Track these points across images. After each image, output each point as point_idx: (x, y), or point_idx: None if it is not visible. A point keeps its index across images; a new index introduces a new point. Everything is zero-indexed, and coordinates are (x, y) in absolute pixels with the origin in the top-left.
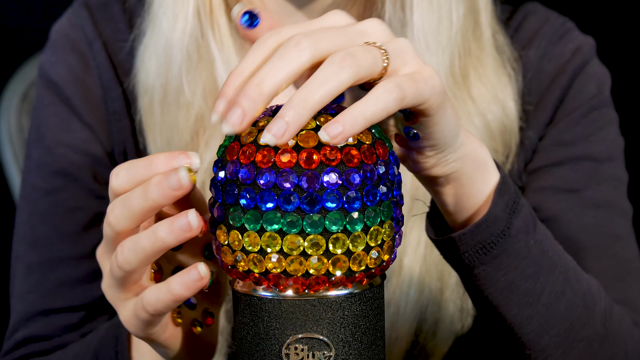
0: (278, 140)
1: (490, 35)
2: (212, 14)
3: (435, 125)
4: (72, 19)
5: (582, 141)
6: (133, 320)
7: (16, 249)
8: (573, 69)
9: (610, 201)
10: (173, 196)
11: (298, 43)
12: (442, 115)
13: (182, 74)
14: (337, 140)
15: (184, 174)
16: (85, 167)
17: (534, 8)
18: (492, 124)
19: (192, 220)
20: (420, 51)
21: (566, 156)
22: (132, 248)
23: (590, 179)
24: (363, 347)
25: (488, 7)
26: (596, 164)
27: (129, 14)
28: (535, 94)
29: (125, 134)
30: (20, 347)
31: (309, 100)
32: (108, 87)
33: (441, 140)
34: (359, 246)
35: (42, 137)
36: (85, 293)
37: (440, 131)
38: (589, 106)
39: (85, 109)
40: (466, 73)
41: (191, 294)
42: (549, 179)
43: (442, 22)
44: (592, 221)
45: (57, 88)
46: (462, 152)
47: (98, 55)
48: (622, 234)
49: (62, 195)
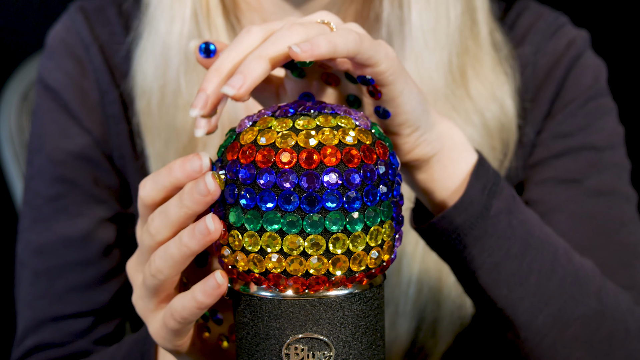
0: (236, 91)
1: (488, 33)
2: (209, 15)
3: (400, 96)
4: (68, 23)
5: (581, 131)
6: (162, 332)
7: (21, 256)
8: (568, 62)
9: (613, 188)
10: (204, 202)
11: (290, 27)
12: (405, 86)
13: (180, 75)
14: (305, 55)
15: (210, 179)
16: (85, 173)
17: (527, 4)
18: (490, 122)
19: (209, 225)
20: (419, 49)
21: (566, 147)
22: (163, 256)
23: (591, 168)
24: (363, 347)
25: (485, 5)
26: (597, 152)
27: (125, 17)
28: (531, 90)
29: (123, 137)
30: (31, 355)
31: (263, 55)
32: (105, 91)
33: (411, 115)
34: (359, 246)
35: (42, 144)
36: (93, 298)
37: (407, 103)
38: (585, 97)
39: (83, 114)
40: (464, 71)
41: (212, 300)
42: (550, 170)
43: (440, 20)
44: (595, 209)
45: (55, 94)
46: (437, 132)
47: (95, 59)
48: (627, 219)
49: (65, 202)
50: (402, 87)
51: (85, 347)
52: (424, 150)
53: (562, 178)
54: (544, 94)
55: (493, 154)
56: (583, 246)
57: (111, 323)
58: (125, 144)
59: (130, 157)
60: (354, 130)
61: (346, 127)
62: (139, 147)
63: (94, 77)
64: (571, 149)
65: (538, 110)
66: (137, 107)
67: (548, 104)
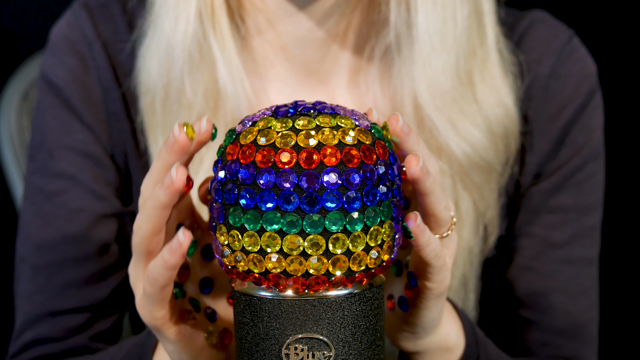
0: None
1: (494, 37)
2: (214, 15)
3: (424, 310)
4: (72, 20)
5: (575, 191)
6: (142, 301)
7: (21, 250)
8: (580, 101)
9: (586, 257)
10: (174, 150)
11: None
12: (435, 307)
13: (184, 74)
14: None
15: (176, 127)
16: (86, 169)
17: (544, 18)
18: (494, 126)
19: (172, 173)
20: (427, 52)
21: (558, 204)
22: (141, 211)
23: (573, 237)
24: (363, 347)
25: (491, 9)
26: (582, 215)
27: (130, 15)
28: (540, 114)
29: (125, 135)
30: (29, 349)
31: None
32: (108, 88)
33: (419, 327)
34: (359, 246)
35: (44, 140)
36: (91, 294)
37: (424, 316)
38: (590, 153)
39: (85, 110)
40: (471, 74)
41: (176, 259)
42: (539, 226)
43: (447, 23)
44: (564, 277)
45: (58, 90)
46: (432, 339)
47: (97, 56)
48: (587, 287)
49: (65, 197)
50: (433, 306)
51: (82, 343)
52: (408, 345)
53: (546, 239)
54: (552, 129)
55: (497, 157)
56: (544, 313)
57: (109, 319)
58: (128, 141)
59: (134, 155)
60: (354, 130)
61: (346, 127)
62: (142, 145)
63: (96, 74)
64: (562, 209)
65: (544, 144)
66: (140, 105)
67: (554, 143)
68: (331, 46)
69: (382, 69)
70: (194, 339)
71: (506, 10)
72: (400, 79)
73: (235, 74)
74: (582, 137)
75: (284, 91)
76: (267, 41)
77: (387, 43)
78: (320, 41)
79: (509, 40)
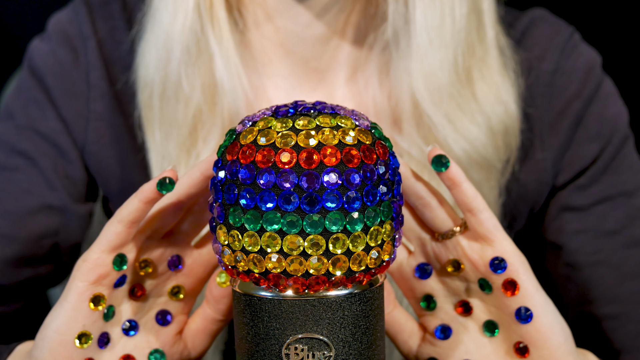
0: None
1: (494, 36)
2: (212, 8)
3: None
4: (71, 15)
5: (613, 176)
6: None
7: None
8: (588, 93)
9: None
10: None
11: None
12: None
13: (181, 68)
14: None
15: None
16: (48, 156)
17: (544, 15)
18: (494, 124)
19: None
20: (424, 47)
21: (601, 195)
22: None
23: (627, 217)
24: (363, 347)
25: (491, 8)
26: (629, 198)
27: (129, 11)
28: (547, 111)
29: (119, 131)
30: None
31: None
32: (94, 85)
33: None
34: (359, 246)
35: (13, 115)
36: (8, 274)
37: (535, 298)
38: (617, 143)
39: (64, 102)
40: (470, 72)
41: (152, 191)
42: (588, 220)
43: (445, 19)
44: (634, 261)
45: (41, 76)
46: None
47: (90, 53)
48: None
49: (18, 176)
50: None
51: None
52: None
53: (602, 230)
54: (563, 122)
55: (497, 155)
56: (632, 301)
57: (10, 305)
58: (124, 138)
59: (130, 151)
60: (354, 130)
61: (346, 127)
62: (140, 139)
63: (85, 70)
64: (607, 198)
65: (556, 138)
66: (139, 99)
67: (566, 136)
68: (330, 42)
69: (381, 65)
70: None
71: (506, 9)
72: (398, 75)
73: (233, 68)
74: (605, 127)
75: (282, 87)
76: (266, 36)
77: (386, 38)
78: (319, 37)
79: (510, 38)
